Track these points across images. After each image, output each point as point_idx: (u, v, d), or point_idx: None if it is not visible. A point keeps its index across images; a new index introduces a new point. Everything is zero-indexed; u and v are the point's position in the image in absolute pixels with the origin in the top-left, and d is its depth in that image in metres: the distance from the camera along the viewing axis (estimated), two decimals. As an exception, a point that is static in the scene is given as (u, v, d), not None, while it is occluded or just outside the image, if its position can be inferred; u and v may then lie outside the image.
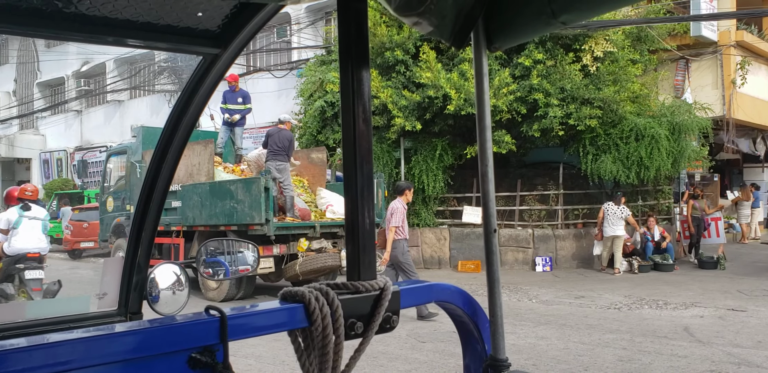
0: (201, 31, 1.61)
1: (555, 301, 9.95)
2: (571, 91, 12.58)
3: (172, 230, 11.38)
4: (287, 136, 10.92)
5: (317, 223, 10.43)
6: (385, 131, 13.52)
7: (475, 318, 1.65)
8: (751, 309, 8.87)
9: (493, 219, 1.66)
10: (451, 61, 13.35)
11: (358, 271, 1.41)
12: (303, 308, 1.31)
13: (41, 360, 1.07)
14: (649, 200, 14.97)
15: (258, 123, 20.04)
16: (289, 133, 11.19)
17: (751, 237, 18.09)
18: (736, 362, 6.22)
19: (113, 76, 26.37)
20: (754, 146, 18.88)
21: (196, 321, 1.25)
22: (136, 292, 1.99)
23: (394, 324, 1.45)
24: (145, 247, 1.98)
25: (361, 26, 1.40)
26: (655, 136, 12.99)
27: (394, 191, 9.48)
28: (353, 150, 1.40)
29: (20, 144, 30.11)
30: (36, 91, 30.40)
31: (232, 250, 2.75)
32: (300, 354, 1.33)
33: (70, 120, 29.06)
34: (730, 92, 15.26)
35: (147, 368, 1.22)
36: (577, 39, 12.87)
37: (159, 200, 1.93)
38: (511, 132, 12.92)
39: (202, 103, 1.81)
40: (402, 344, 7.13)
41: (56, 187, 26.28)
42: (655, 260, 13.18)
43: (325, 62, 15.86)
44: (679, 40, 15.03)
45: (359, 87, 1.40)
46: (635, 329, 7.81)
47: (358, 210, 1.41)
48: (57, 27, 1.44)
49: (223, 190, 10.44)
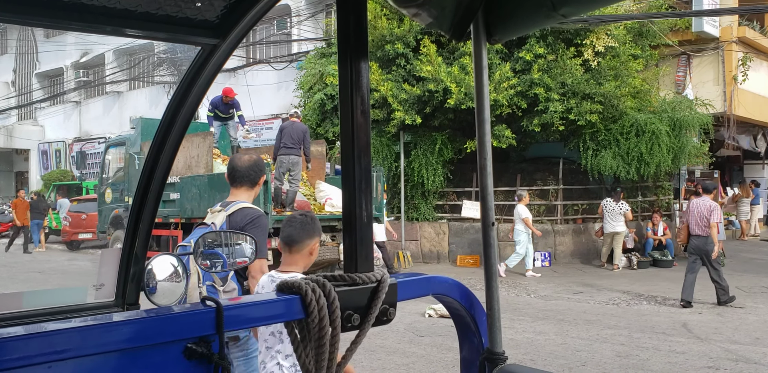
0: (200, 22, 1.60)
1: (553, 296, 9.97)
2: (571, 86, 12.56)
3: (170, 222, 11.38)
4: (301, 128, 10.73)
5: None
6: (385, 125, 13.51)
7: (473, 311, 1.66)
8: (749, 306, 8.89)
9: (491, 212, 1.66)
10: (451, 55, 13.32)
11: (355, 263, 1.41)
12: (300, 299, 1.31)
13: (38, 349, 1.07)
14: (649, 195, 14.98)
15: (258, 115, 20.06)
16: (303, 126, 10.97)
17: (750, 234, 18.11)
18: (734, 359, 6.24)
19: (112, 67, 26.32)
20: (754, 143, 18.87)
21: (192, 312, 1.25)
22: (133, 283, 1.99)
23: (391, 316, 1.45)
24: (143, 238, 1.97)
25: (361, 18, 1.40)
26: (656, 132, 12.98)
27: (703, 189, 9.38)
28: (351, 142, 1.40)
29: (19, 135, 30.09)
30: (35, 81, 30.34)
31: (230, 242, 2.75)
32: (296, 346, 1.33)
33: (68, 111, 29.02)
34: (732, 88, 15.24)
35: (143, 357, 1.22)
36: (579, 34, 12.84)
37: (157, 191, 1.93)
38: (511, 127, 12.90)
39: (201, 94, 1.80)
40: (400, 337, 7.15)
41: (55, 178, 26.29)
42: (654, 256, 13.20)
43: (325, 55, 15.83)
44: (681, 36, 14.99)
45: (358, 79, 1.39)
46: (633, 324, 7.82)
47: (356, 202, 1.41)
48: (55, 16, 1.43)
49: (221, 182, 10.43)
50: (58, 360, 1.09)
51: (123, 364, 1.20)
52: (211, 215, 3.45)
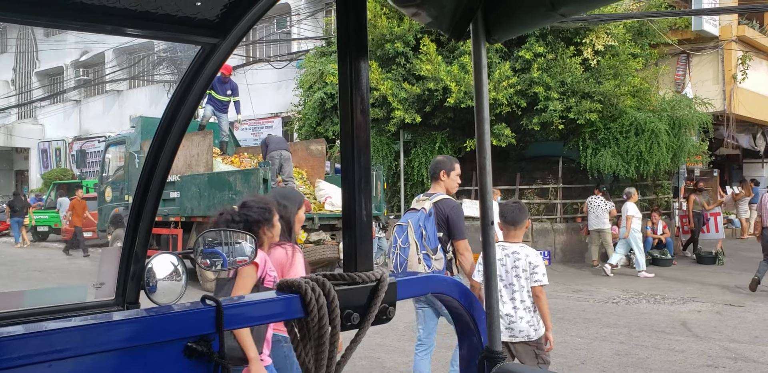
0: (200, 21, 1.60)
1: (553, 295, 9.96)
2: (571, 84, 12.56)
3: (170, 220, 11.38)
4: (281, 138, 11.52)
5: (316, 215, 10.43)
6: (385, 124, 13.50)
7: (472, 310, 1.66)
8: (748, 304, 8.90)
9: (490, 211, 1.66)
10: (451, 54, 13.32)
11: (354, 262, 1.41)
12: (299, 298, 1.31)
13: (38, 348, 1.07)
14: (648, 194, 14.97)
15: (258, 114, 20.05)
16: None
17: (750, 233, 18.10)
18: (733, 357, 6.24)
19: (112, 65, 26.30)
20: (754, 142, 18.86)
21: (192, 310, 1.25)
22: (133, 282, 1.99)
23: (391, 315, 1.45)
24: (143, 237, 1.97)
25: (360, 17, 1.40)
26: (655, 131, 12.98)
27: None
28: (351, 141, 1.40)
29: (19, 133, 30.08)
30: (35, 80, 30.32)
31: (230, 241, 2.75)
32: (296, 345, 1.34)
33: (68, 110, 29.00)
34: (731, 87, 15.24)
35: (143, 356, 1.22)
36: (578, 32, 12.83)
37: (157, 189, 1.93)
38: (510, 125, 12.90)
39: (201, 93, 1.80)
40: (400, 336, 7.15)
41: (55, 177, 26.26)
42: (654, 254, 13.19)
43: (325, 54, 15.83)
44: (681, 35, 14.99)
45: (358, 78, 1.40)
46: (633, 323, 7.83)
47: (355, 201, 1.41)
48: (55, 15, 1.43)
49: (221, 181, 10.44)
50: (59, 359, 1.09)
51: (123, 363, 1.20)
52: (418, 202, 4.55)
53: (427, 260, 4.32)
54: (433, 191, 4.61)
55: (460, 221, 4.46)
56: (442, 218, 4.42)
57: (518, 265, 4.10)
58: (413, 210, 4.51)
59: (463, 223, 4.48)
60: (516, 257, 4.12)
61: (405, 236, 4.43)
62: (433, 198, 4.46)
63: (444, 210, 4.41)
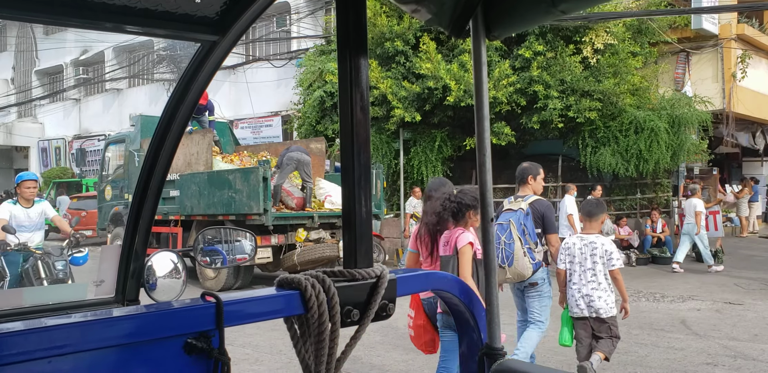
0: (199, 18, 1.60)
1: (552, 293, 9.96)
2: (571, 83, 12.56)
3: (170, 219, 11.38)
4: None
5: (315, 213, 10.44)
6: (385, 122, 13.50)
7: (472, 307, 1.66)
8: (748, 303, 8.91)
9: (490, 209, 1.66)
10: (451, 52, 13.32)
11: (354, 259, 1.42)
12: (299, 294, 1.31)
13: (37, 344, 1.07)
14: (647, 193, 14.97)
15: (257, 113, 20.05)
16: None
17: (749, 231, 18.11)
18: (732, 355, 6.25)
19: (112, 64, 26.28)
20: (753, 140, 18.85)
21: (192, 307, 1.26)
22: (133, 279, 1.99)
23: (391, 312, 1.45)
24: (143, 235, 1.97)
25: (360, 15, 1.40)
26: (655, 129, 12.98)
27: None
28: (351, 140, 1.40)
29: (18, 132, 30.04)
30: (34, 78, 30.27)
31: (230, 238, 2.75)
32: (296, 341, 1.34)
33: (68, 108, 28.98)
34: (731, 86, 15.23)
35: (143, 352, 1.22)
36: (578, 31, 12.83)
37: (156, 188, 1.93)
38: (510, 124, 12.90)
39: (200, 91, 1.80)
40: (400, 334, 7.15)
41: (54, 175, 26.24)
42: (653, 253, 13.20)
43: (325, 52, 15.82)
44: (680, 33, 14.98)
45: (357, 77, 1.40)
46: (632, 321, 7.82)
47: (355, 198, 1.41)
48: (55, 12, 1.43)
49: (221, 179, 10.44)
50: (58, 355, 1.09)
51: (123, 359, 1.21)
52: (512, 204, 5.22)
53: (530, 253, 5.00)
54: (523, 193, 5.31)
55: (553, 218, 5.32)
56: (538, 215, 5.13)
57: (596, 253, 5.01)
58: (509, 210, 5.17)
59: (554, 219, 5.34)
60: (593, 246, 5.03)
61: (508, 233, 5.04)
62: (526, 199, 5.18)
63: (540, 209, 5.13)
